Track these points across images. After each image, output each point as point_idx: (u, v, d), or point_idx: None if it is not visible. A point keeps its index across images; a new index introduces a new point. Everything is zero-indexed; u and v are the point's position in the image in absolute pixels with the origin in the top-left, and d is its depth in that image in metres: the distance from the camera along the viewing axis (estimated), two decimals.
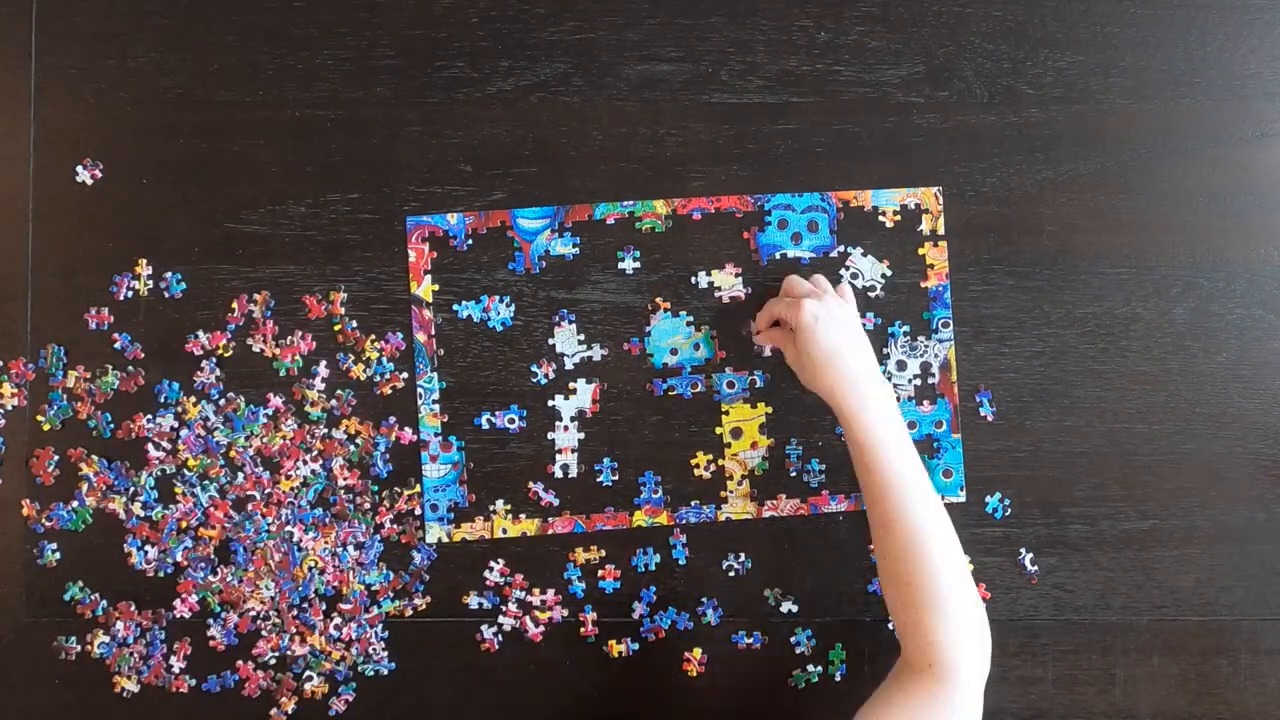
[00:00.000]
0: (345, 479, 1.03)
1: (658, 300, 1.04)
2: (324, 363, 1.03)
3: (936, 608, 0.87)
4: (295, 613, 1.03)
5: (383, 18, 1.05)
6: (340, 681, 1.03)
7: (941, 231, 1.04)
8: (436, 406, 1.03)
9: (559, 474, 1.03)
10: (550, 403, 1.03)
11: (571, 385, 1.03)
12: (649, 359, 1.04)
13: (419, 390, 1.04)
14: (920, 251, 1.04)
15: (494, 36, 1.05)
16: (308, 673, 1.03)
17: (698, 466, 1.03)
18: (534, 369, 1.03)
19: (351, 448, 1.03)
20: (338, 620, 1.03)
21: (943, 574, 0.88)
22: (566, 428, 1.04)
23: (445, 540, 1.03)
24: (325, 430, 1.03)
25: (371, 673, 1.03)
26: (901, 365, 1.04)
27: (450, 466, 1.04)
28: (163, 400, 1.03)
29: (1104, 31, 1.05)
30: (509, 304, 1.04)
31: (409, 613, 1.03)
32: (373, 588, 1.03)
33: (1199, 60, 1.05)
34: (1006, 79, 1.04)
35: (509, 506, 1.03)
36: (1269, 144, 1.04)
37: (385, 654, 1.03)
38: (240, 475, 1.03)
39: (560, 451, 1.04)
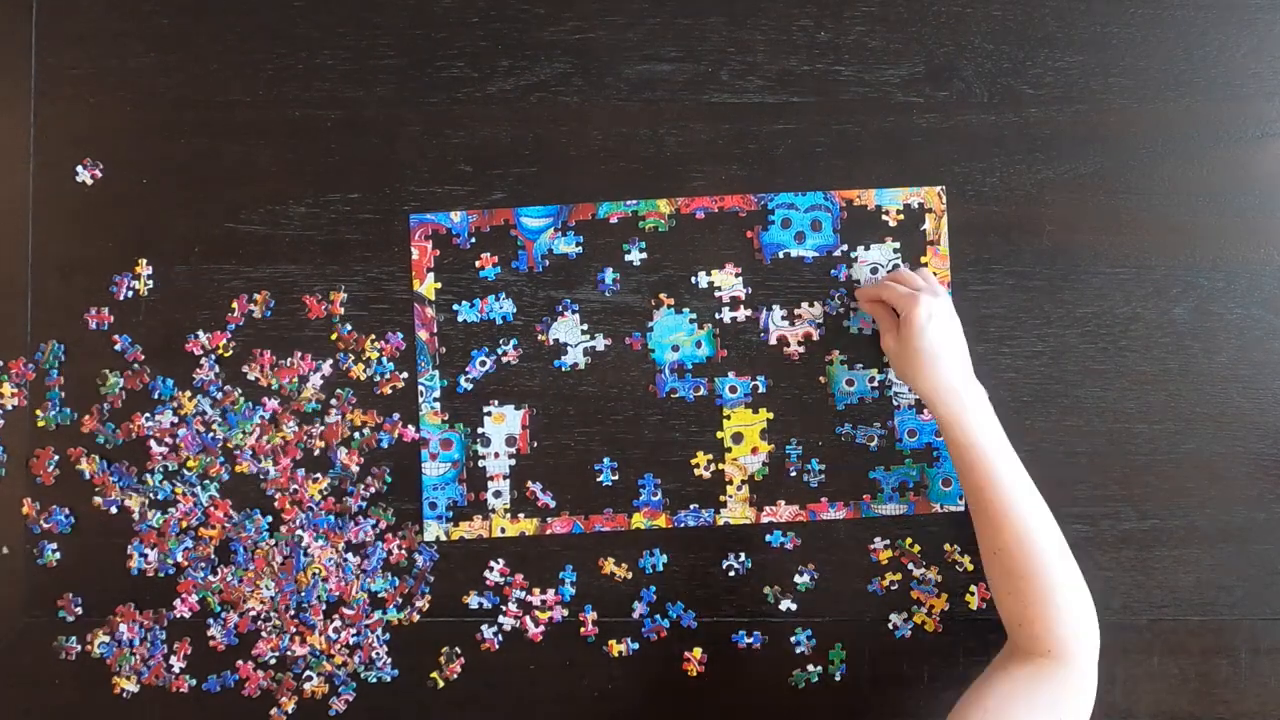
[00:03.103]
0: (347, 467, 1.03)
1: (660, 296, 1.04)
2: (327, 362, 1.03)
3: (1051, 600, 0.89)
4: (294, 613, 1.03)
5: (383, 18, 1.05)
6: (340, 681, 1.03)
7: (945, 230, 1.04)
8: (438, 405, 1.03)
9: (491, 501, 1.03)
10: (480, 429, 1.03)
11: (499, 412, 1.03)
12: (650, 354, 1.04)
13: (420, 388, 1.04)
14: (924, 260, 1.04)
15: (494, 36, 1.05)
16: (308, 672, 1.03)
17: (698, 466, 1.03)
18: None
19: (356, 436, 1.03)
20: (338, 624, 1.03)
21: (1056, 567, 0.90)
22: (498, 454, 1.03)
23: (443, 539, 1.03)
24: (323, 425, 1.03)
25: (375, 679, 1.03)
26: None
27: (450, 465, 1.04)
28: (157, 396, 1.03)
29: (1104, 31, 1.05)
30: (508, 299, 1.04)
31: (415, 618, 1.03)
32: (378, 594, 1.03)
33: (1199, 60, 1.05)
34: (1006, 79, 1.04)
35: (507, 506, 1.03)
36: (1269, 144, 1.04)
37: (389, 660, 1.03)
38: (243, 473, 1.03)
39: (492, 478, 1.03)
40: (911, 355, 0.94)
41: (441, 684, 1.02)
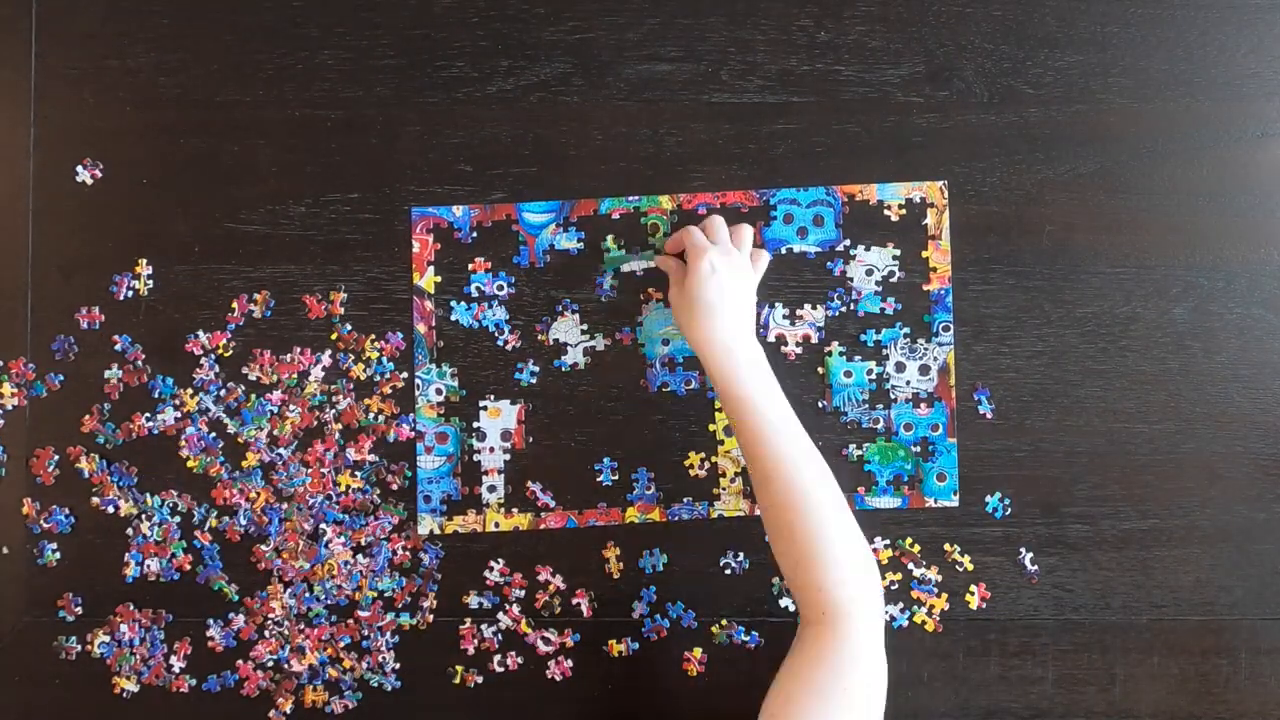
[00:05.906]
0: (361, 462, 1.03)
1: (649, 290, 1.04)
2: (325, 352, 1.03)
3: (821, 554, 0.86)
4: (299, 617, 1.02)
5: (383, 18, 1.05)
6: (347, 687, 1.03)
7: (947, 226, 1.04)
8: (434, 398, 1.03)
9: (485, 495, 1.03)
10: (476, 423, 1.03)
11: (495, 407, 1.03)
12: (640, 349, 1.04)
13: (417, 381, 1.04)
14: (924, 254, 1.04)
15: (494, 36, 1.05)
16: (311, 674, 1.03)
17: (692, 467, 1.03)
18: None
19: (369, 416, 1.03)
20: (346, 641, 1.02)
21: (825, 520, 0.88)
22: (493, 449, 1.03)
23: (437, 532, 1.03)
24: (333, 414, 1.03)
25: (377, 684, 1.02)
26: (900, 367, 1.04)
27: (445, 459, 1.04)
28: (157, 395, 1.03)
29: (1104, 31, 1.05)
30: (501, 305, 1.04)
31: (430, 619, 1.03)
32: (386, 594, 1.03)
33: (1199, 60, 1.05)
34: (1006, 79, 1.05)
35: (501, 501, 1.03)
36: (1269, 144, 1.04)
37: (397, 666, 1.02)
38: (256, 467, 1.03)
39: (486, 473, 1.03)
40: (689, 305, 0.94)
41: (457, 682, 1.02)
